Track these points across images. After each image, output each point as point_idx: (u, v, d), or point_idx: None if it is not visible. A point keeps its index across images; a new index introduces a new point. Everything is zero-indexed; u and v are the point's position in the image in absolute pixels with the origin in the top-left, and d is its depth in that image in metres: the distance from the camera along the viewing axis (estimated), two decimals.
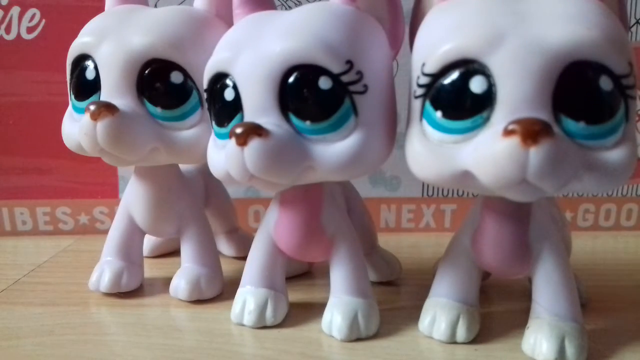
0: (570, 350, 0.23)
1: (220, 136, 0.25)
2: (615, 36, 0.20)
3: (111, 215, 0.45)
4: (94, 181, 0.45)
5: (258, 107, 0.22)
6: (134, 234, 0.32)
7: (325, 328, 0.26)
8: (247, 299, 0.27)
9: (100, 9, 0.30)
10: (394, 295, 0.32)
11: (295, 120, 0.22)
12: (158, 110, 0.27)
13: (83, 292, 0.31)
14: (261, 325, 0.27)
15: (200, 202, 0.35)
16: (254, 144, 0.21)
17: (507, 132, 0.18)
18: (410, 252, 0.41)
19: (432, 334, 0.25)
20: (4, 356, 0.24)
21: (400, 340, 0.26)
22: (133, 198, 0.31)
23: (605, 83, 0.19)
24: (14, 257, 0.40)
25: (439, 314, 0.25)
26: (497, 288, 0.31)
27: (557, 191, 0.20)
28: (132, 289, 0.31)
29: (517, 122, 0.18)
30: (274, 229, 0.27)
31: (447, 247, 0.27)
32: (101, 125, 0.25)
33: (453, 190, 0.45)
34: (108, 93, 0.27)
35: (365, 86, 0.22)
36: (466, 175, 0.21)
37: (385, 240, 0.36)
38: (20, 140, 0.44)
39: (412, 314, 0.27)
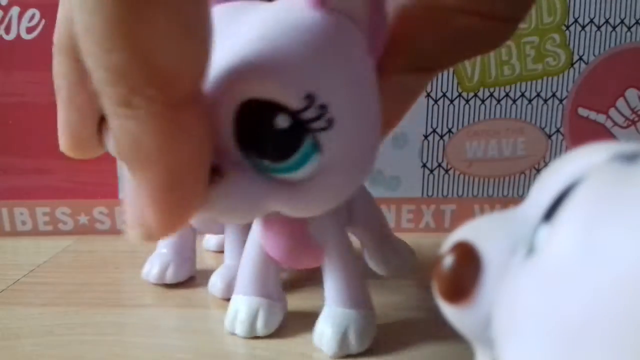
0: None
1: None
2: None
3: (111, 215, 0.45)
4: (94, 181, 0.45)
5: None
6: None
7: (316, 341, 0.25)
8: (239, 308, 0.26)
9: None
10: (393, 296, 0.32)
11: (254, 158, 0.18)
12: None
13: (82, 293, 0.31)
14: (252, 336, 0.26)
15: None
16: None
17: None
18: None
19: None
20: (3, 356, 0.24)
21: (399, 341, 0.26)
22: None
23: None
24: (13, 257, 0.40)
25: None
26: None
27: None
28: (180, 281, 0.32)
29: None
30: (260, 238, 0.26)
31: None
32: None
33: (453, 191, 0.45)
34: None
35: (330, 120, 0.18)
36: None
37: None
38: (20, 140, 0.44)
39: (412, 314, 0.27)
